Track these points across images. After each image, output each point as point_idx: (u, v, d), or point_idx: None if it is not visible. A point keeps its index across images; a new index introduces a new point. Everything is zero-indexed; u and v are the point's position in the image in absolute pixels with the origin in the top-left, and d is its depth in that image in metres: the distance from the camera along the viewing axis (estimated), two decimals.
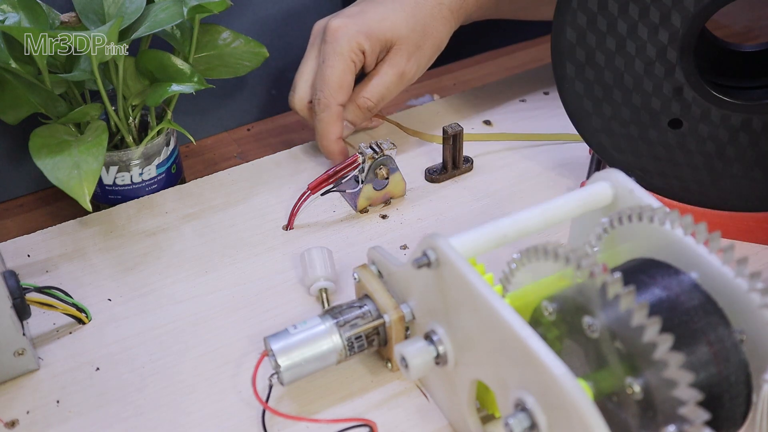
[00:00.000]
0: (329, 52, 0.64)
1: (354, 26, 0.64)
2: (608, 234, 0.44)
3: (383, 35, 0.65)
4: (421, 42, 0.66)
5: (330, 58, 0.64)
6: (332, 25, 0.65)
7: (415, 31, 0.66)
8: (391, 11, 0.65)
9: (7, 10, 0.58)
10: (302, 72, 0.68)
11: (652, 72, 0.55)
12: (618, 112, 0.58)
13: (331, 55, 0.64)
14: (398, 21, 0.65)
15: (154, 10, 0.60)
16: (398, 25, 0.65)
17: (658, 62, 0.55)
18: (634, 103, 0.57)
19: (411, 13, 0.66)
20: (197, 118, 0.76)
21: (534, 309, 0.41)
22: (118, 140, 0.65)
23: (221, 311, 0.56)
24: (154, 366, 0.52)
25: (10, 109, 0.61)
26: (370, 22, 0.65)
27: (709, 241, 0.39)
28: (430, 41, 0.67)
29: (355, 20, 0.65)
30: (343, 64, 0.64)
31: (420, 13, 0.66)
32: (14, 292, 0.49)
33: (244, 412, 0.49)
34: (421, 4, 0.66)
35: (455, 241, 0.43)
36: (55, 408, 0.50)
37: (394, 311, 0.47)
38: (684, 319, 0.37)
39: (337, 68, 0.64)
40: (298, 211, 0.63)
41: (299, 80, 0.68)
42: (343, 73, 0.64)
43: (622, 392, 0.36)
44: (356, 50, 0.64)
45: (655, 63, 0.55)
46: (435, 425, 0.48)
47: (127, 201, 0.66)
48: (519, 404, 0.37)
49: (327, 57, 0.64)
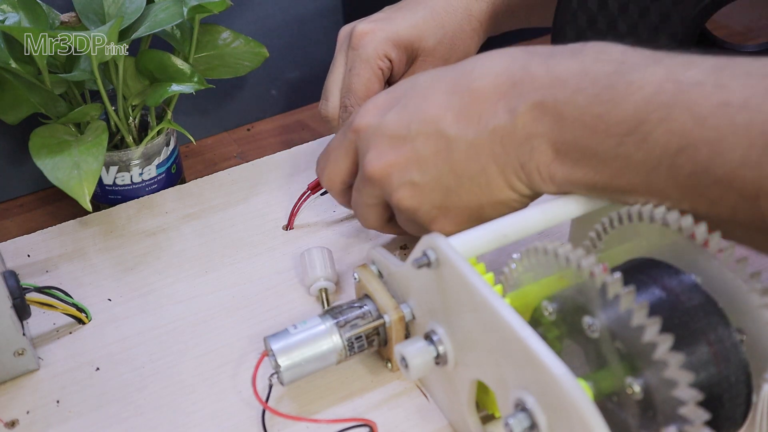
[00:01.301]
0: (355, 59, 0.61)
1: (381, 32, 0.60)
2: (608, 234, 0.44)
3: (411, 44, 0.61)
4: (448, 55, 0.63)
5: (357, 66, 0.61)
6: (358, 30, 0.61)
7: (443, 44, 0.62)
8: (420, 19, 0.61)
9: (7, 10, 0.58)
10: (332, 80, 0.63)
11: None
12: None
13: (358, 62, 0.60)
14: (427, 31, 0.61)
15: (154, 10, 0.60)
16: (426, 35, 0.61)
17: None
18: None
19: (440, 23, 0.61)
20: (197, 118, 0.76)
21: (534, 309, 0.41)
22: (118, 140, 0.65)
23: (221, 311, 0.56)
24: (154, 366, 0.52)
25: (10, 109, 0.61)
26: (399, 29, 0.61)
27: (709, 241, 0.39)
28: (456, 56, 0.63)
29: (382, 26, 0.61)
30: (370, 71, 0.60)
31: (449, 24, 0.62)
32: (14, 292, 0.49)
33: (244, 412, 0.49)
34: (451, 14, 0.62)
35: (455, 241, 0.43)
36: (55, 408, 0.50)
37: (394, 311, 0.47)
38: (684, 319, 0.37)
39: (364, 76, 0.60)
40: (298, 211, 0.63)
41: (330, 88, 0.63)
42: (369, 81, 0.60)
43: (622, 392, 0.36)
44: (383, 57, 0.60)
45: None
46: (435, 425, 0.48)
47: (127, 201, 0.66)
48: (519, 404, 0.37)
49: (354, 64, 0.61)
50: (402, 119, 0.47)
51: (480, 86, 0.44)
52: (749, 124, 0.34)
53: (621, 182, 0.39)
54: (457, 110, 0.44)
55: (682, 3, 0.52)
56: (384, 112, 0.48)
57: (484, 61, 0.45)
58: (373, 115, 0.49)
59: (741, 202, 0.35)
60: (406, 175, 0.47)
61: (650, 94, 0.37)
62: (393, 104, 0.48)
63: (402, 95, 0.48)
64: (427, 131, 0.46)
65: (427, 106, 0.46)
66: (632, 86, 0.38)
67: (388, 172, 0.48)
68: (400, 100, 0.48)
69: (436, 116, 0.45)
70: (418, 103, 0.46)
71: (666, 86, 0.37)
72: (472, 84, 0.44)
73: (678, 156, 0.36)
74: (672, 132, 0.36)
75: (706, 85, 0.36)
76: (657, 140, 0.37)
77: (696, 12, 0.53)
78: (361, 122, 0.49)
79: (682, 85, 0.36)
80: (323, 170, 0.55)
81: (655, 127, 0.37)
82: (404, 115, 0.47)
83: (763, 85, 0.34)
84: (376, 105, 0.49)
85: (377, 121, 0.48)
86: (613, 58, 0.40)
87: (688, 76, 0.36)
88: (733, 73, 0.35)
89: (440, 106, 0.45)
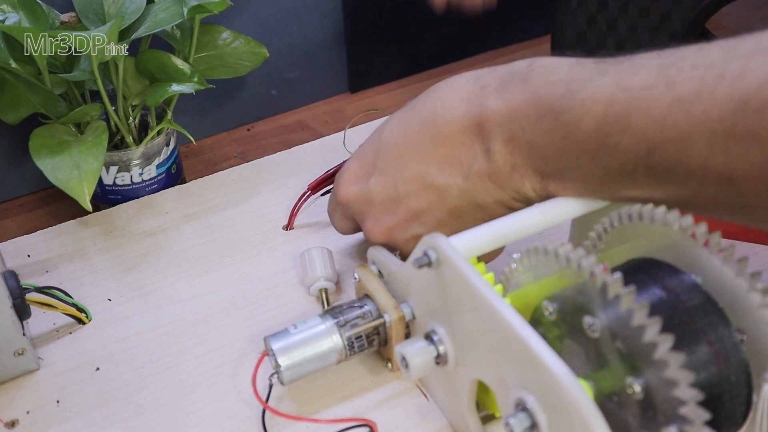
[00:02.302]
0: None
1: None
2: (608, 234, 0.44)
3: None
4: None
5: None
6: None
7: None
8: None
9: (7, 10, 0.58)
10: None
11: None
12: None
13: None
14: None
15: (154, 10, 0.60)
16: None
17: None
18: None
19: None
20: (197, 118, 0.76)
21: (534, 309, 0.41)
22: (118, 140, 0.65)
23: (221, 311, 0.56)
24: (154, 366, 0.52)
25: (10, 109, 0.61)
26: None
27: (709, 241, 0.39)
28: None
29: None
30: None
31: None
32: (14, 292, 0.49)
33: (244, 412, 0.49)
34: None
35: (456, 241, 0.43)
36: (55, 408, 0.50)
37: (394, 311, 0.47)
38: (684, 319, 0.37)
39: None
40: (298, 211, 0.63)
41: None
42: None
43: (622, 392, 0.36)
44: None
45: None
46: (435, 425, 0.48)
47: (127, 201, 0.66)
48: (519, 404, 0.37)
49: None
50: (387, 183, 0.47)
51: (449, 133, 0.44)
52: (706, 114, 0.34)
53: (609, 186, 0.40)
54: (438, 161, 0.45)
55: (682, 3, 0.53)
56: (363, 181, 0.49)
57: (442, 104, 0.45)
58: (355, 187, 0.49)
59: (719, 187, 0.35)
60: (408, 232, 0.48)
61: (605, 107, 0.38)
62: (369, 170, 0.48)
63: (374, 159, 0.48)
64: (416, 188, 0.46)
65: (407, 164, 0.46)
66: (585, 104, 0.38)
67: (390, 234, 0.49)
68: (376, 165, 0.48)
69: (420, 172, 0.46)
70: (396, 164, 0.46)
71: (618, 96, 0.37)
72: (441, 133, 0.44)
73: (650, 157, 0.37)
74: (637, 137, 0.37)
75: (657, 86, 0.36)
76: (627, 148, 0.37)
77: (696, 12, 0.53)
78: (345, 195, 0.50)
79: (633, 91, 0.37)
80: (332, 222, 0.56)
81: (621, 137, 0.37)
82: (387, 179, 0.47)
83: (711, 75, 0.34)
84: (353, 175, 0.49)
85: (361, 192, 0.49)
86: (560, 78, 0.40)
87: (637, 81, 0.37)
88: (680, 69, 0.36)
89: (419, 161, 0.45)
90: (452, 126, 0.44)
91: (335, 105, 0.82)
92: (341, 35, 0.79)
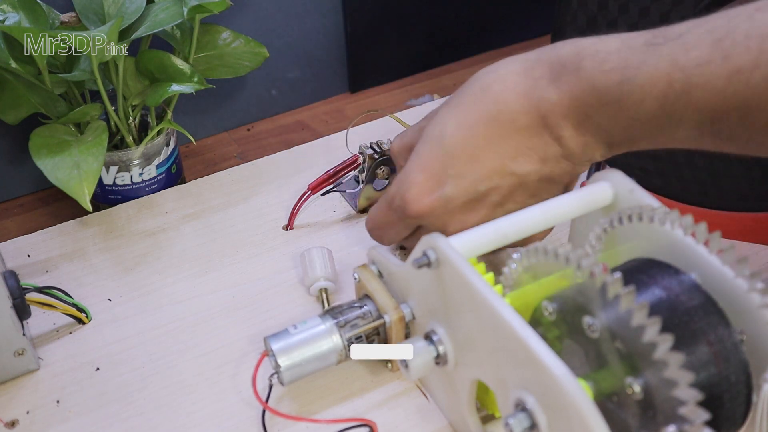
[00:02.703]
0: None
1: None
2: (608, 234, 0.44)
3: None
4: None
5: None
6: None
7: None
8: None
9: (7, 10, 0.58)
10: None
11: None
12: None
13: None
14: None
15: (154, 10, 0.60)
16: None
17: None
18: None
19: None
20: (197, 118, 0.76)
21: (534, 309, 0.41)
22: (118, 140, 0.65)
23: (221, 311, 0.56)
24: (154, 366, 0.52)
25: (10, 109, 0.61)
26: None
27: (709, 241, 0.39)
28: None
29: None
30: None
31: None
32: (14, 292, 0.49)
33: (244, 412, 0.49)
34: None
35: (455, 241, 0.43)
36: (55, 408, 0.50)
37: (394, 311, 0.47)
38: (684, 319, 0.37)
39: None
40: (298, 211, 0.63)
41: None
42: None
43: (622, 392, 0.36)
44: None
45: None
46: (435, 425, 0.48)
47: (127, 201, 0.66)
48: (519, 404, 0.37)
49: None
50: (466, 186, 0.47)
51: (515, 129, 0.45)
52: (766, 81, 0.36)
53: (675, 145, 0.43)
54: (512, 154, 0.46)
55: (682, 3, 0.53)
56: (436, 190, 0.48)
57: (500, 102, 0.45)
58: (429, 198, 0.48)
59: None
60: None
61: (664, 88, 0.39)
62: (440, 178, 0.47)
63: (442, 167, 0.47)
64: (496, 183, 0.47)
65: (481, 164, 0.46)
66: (644, 88, 0.40)
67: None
68: (446, 172, 0.47)
69: (497, 168, 0.46)
70: (471, 167, 0.47)
71: (675, 75, 0.39)
72: (507, 130, 0.46)
73: (714, 124, 0.39)
74: (700, 110, 0.39)
75: (713, 61, 0.38)
76: (691, 119, 0.39)
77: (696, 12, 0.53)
78: (420, 208, 0.48)
79: (689, 69, 0.38)
80: (380, 237, 0.55)
81: (684, 112, 0.39)
82: (465, 182, 0.47)
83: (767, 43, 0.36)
84: (423, 187, 0.48)
85: (439, 201, 0.48)
86: (612, 66, 0.41)
87: (692, 58, 0.38)
88: (733, 42, 0.37)
89: (493, 158, 0.46)
90: (517, 122, 0.45)
91: (335, 105, 0.82)
92: (341, 35, 0.79)
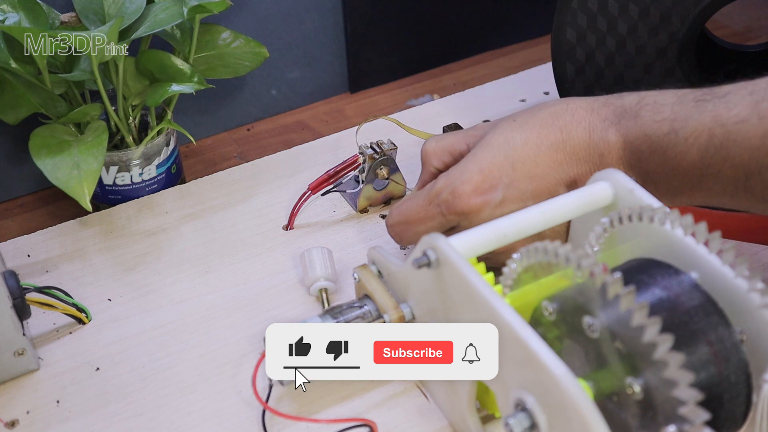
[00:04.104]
0: None
1: None
2: (608, 234, 0.44)
3: None
4: None
5: None
6: None
7: None
8: None
9: (7, 10, 0.58)
10: None
11: (652, 72, 0.55)
12: None
13: None
14: None
15: (154, 10, 0.60)
16: None
17: (658, 62, 0.55)
18: None
19: None
20: (197, 118, 0.76)
21: (534, 309, 0.41)
22: (118, 140, 0.65)
23: (221, 311, 0.56)
24: (154, 366, 0.52)
25: (10, 109, 0.61)
26: None
27: (709, 241, 0.39)
28: None
29: None
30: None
31: None
32: (14, 292, 0.49)
33: (244, 412, 0.49)
34: None
35: (455, 241, 0.43)
36: (55, 408, 0.50)
37: (394, 311, 0.47)
38: (684, 319, 0.37)
39: None
40: (298, 211, 0.63)
41: None
42: None
43: (622, 392, 0.36)
44: None
45: (655, 63, 0.55)
46: (435, 425, 0.48)
47: (127, 201, 0.66)
48: (519, 404, 0.37)
49: None
50: (518, 197, 0.51)
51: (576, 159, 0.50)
52: None
53: (710, 202, 0.48)
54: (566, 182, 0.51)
55: (682, 3, 0.53)
56: (488, 193, 0.51)
57: (567, 133, 0.51)
58: (480, 198, 0.51)
59: None
60: None
61: (706, 141, 0.44)
62: (494, 184, 0.51)
63: (500, 175, 0.51)
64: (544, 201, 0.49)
65: (537, 184, 0.51)
66: (689, 140, 0.45)
67: None
68: (502, 180, 0.51)
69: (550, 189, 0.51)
70: (528, 183, 0.51)
71: (716, 131, 0.44)
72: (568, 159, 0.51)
73: (748, 181, 0.44)
74: (735, 166, 0.44)
75: (750, 120, 0.43)
76: (727, 174, 0.44)
77: (696, 12, 0.53)
78: (469, 205, 0.51)
79: (728, 125, 0.44)
80: (403, 233, 0.55)
81: (721, 166, 0.44)
82: (517, 194, 0.51)
83: None
84: (477, 187, 0.51)
85: (486, 203, 0.51)
86: (664, 117, 0.47)
87: (732, 116, 0.44)
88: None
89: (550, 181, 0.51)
90: (579, 153, 0.50)
91: (335, 105, 0.82)
92: (341, 35, 0.79)
